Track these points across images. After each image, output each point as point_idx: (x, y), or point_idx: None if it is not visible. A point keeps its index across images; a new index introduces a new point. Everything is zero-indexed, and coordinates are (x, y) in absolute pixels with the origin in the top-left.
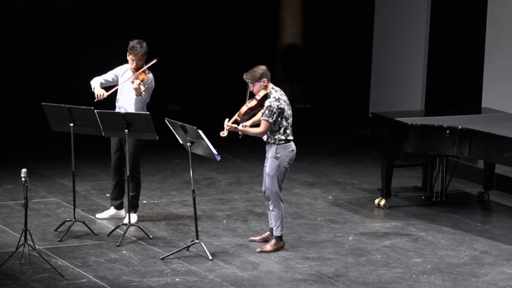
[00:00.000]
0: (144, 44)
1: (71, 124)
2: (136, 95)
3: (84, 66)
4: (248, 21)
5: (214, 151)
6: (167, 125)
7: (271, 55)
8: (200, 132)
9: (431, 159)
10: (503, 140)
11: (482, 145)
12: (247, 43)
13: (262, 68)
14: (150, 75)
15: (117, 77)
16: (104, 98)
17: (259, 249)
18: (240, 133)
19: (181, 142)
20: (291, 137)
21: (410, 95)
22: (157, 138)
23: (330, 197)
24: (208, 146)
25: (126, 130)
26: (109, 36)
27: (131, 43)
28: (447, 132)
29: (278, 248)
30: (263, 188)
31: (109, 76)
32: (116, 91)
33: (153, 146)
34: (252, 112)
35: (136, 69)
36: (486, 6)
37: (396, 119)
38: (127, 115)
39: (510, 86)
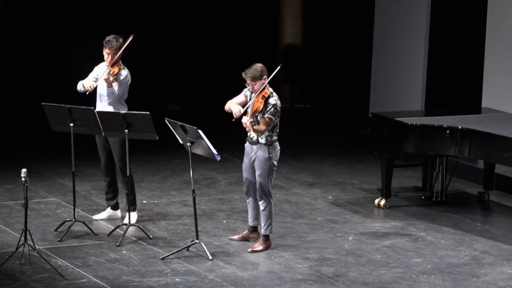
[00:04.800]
0: (121, 40)
1: (71, 124)
2: (107, 87)
3: (84, 66)
4: (248, 21)
5: (214, 151)
6: (167, 125)
7: (271, 55)
8: (200, 132)
9: (431, 159)
10: (503, 140)
11: (482, 145)
12: (247, 43)
13: (260, 65)
14: (125, 71)
15: (98, 75)
16: (94, 88)
17: (249, 249)
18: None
19: (181, 142)
20: (277, 136)
21: (410, 95)
22: (157, 138)
23: (330, 197)
24: (208, 146)
25: (126, 130)
26: None
27: (107, 38)
28: (447, 132)
29: (267, 247)
30: (244, 188)
31: (90, 78)
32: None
33: (153, 146)
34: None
35: (112, 64)
36: (486, 6)
37: (396, 119)
38: (127, 115)
39: (510, 86)
